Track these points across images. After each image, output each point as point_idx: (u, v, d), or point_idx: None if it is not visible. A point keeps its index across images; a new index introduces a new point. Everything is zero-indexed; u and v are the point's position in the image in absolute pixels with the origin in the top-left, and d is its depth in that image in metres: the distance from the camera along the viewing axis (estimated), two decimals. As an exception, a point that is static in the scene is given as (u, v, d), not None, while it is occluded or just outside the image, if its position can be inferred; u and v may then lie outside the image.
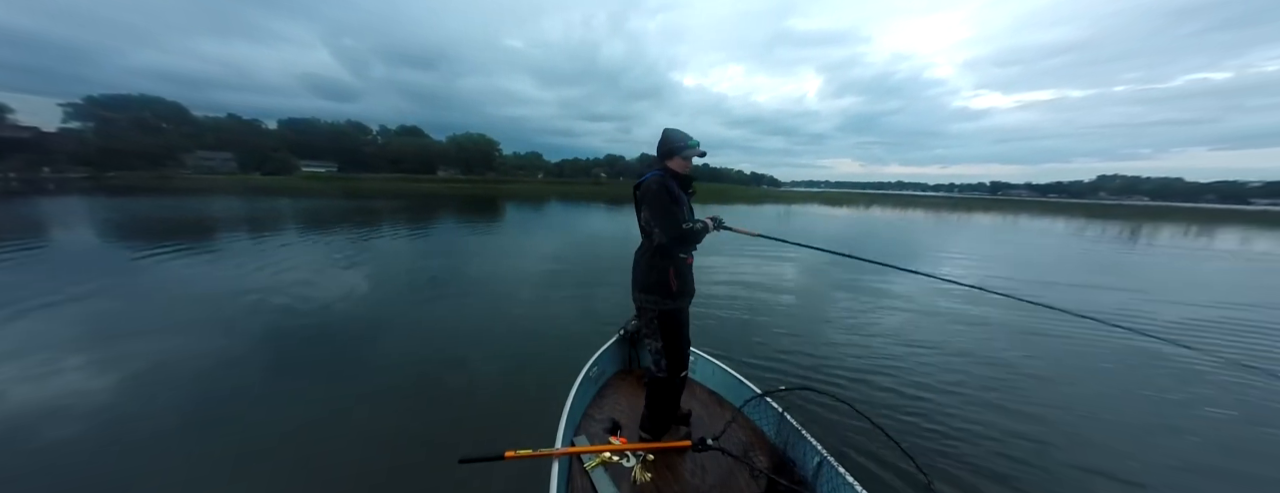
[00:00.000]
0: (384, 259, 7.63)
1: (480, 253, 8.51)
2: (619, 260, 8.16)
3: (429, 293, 5.56)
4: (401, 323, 4.42)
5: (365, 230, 10.95)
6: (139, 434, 2.45)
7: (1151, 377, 3.56)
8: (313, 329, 4.13)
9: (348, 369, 3.32)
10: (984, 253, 11.14)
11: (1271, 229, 22.65)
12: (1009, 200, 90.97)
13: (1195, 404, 3.13)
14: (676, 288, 1.87)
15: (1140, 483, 2.26)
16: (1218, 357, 3.88)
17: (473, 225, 13.07)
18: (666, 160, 1.88)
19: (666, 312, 1.91)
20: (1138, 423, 2.87)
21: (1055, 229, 18.88)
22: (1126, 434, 2.73)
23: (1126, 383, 3.46)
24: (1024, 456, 2.43)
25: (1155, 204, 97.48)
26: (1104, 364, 3.79)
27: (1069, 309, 2.41)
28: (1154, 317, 5.37)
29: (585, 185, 68.84)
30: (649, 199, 1.81)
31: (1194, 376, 3.61)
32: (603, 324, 4.41)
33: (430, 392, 3.02)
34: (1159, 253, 12.11)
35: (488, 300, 5.27)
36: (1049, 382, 3.44)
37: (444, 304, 5.11)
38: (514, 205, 22.65)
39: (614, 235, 11.88)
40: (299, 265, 6.74)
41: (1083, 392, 3.29)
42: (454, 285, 5.97)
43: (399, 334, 4.09)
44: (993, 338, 4.37)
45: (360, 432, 2.53)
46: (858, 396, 3.01)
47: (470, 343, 3.91)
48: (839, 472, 1.64)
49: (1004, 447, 2.51)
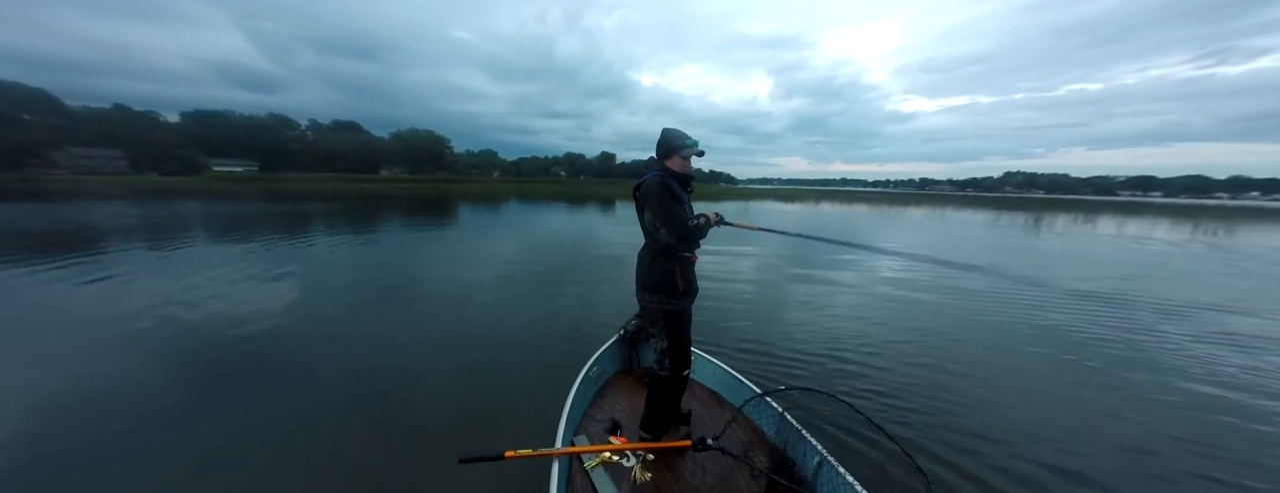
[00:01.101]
0: (329, 267, 6.82)
1: (436, 257, 7.87)
2: (590, 259, 8.04)
3: (380, 299, 5.03)
4: (352, 333, 3.94)
5: (296, 237, 9.73)
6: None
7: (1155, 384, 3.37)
8: (261, 344, 3.64)
9: (288, 385, 2.94)
10: (945, 244, 12.17)
11: (1136, 217, 27.17)
12: (936, 195, 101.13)
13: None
14: (683, 288, 1.90)
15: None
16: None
17: (424, 228, 12.09)
18: (665, 160, 1.88)
19: (672, 312, 1.93)
20: (1141, 420, 2.82)
21: (976, 220, 21.18)
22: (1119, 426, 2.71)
23: (1132, 384, 3.34)
24: (1025, 456, 2.41)
25: (1049, 197, 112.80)
26: (1110, 364, 3.69)
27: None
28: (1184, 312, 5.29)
29: (545, 184, 66.91)
30: (651, 200, 1.81)
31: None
32: (581, 323, 4.23)
33: (410, 397, 2.88)
34: (1078, 238, 13.90)
35: (450, 306, 4.84)
36: (1050, 381, 3.39)
37: (403, 310, 4.65)
38: (469, 206, 21.40)
39: (577, 234, 11.56)
40: (221, 278, 5.82)
41: (1085, 391, 3.23)
42: (410, 291, 5.44)
43: (348, 345, 3.62)
44: (993, 337, 4.34)
45: (360, 432, 2.51)
46: (858, 395, 2.99)
47: (452, 346, 3.55)
48: (839, 472, 1.63)
49: (1005, 446, 2.49)
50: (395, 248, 8.84)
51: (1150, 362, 3.80)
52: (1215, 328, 4.78)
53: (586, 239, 10.97)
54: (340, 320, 4.41)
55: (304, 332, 4.08)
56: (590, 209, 21.37)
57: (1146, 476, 2.33)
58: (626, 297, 5.44)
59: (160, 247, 8.15)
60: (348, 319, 4.46)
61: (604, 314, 4.77)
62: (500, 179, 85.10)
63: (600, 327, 4.23)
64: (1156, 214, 31.41)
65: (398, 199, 25.03)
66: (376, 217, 15.05)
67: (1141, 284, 6.95)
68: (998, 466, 2.33)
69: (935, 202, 48.03)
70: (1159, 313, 5.34)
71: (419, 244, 9.35)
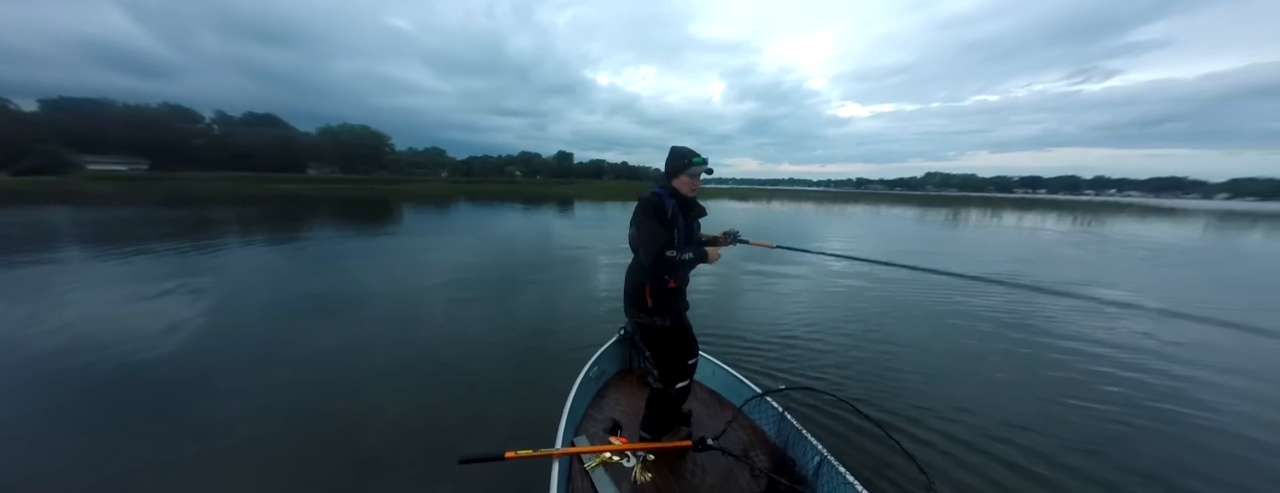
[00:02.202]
0: (244, 281, 5.83)
1: (379, 264, 7.08)
2: (551, 262, 7.55)
3: (315, 309, 4.41)
4: (271, 348, 3.32)
5: (200, 247, 8.32)
6: None
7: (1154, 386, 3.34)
8: (154, 371, 2.89)
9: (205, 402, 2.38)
10: (898, 239, 13.11)
11: (1028, 211, 31.72)
12: (871, 193, 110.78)
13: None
14: (652, 305, 1.85)
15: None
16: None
17: (362, 234, 10.90)
18: (672, 178, 1.83)
19: (643, 326, 1.91)
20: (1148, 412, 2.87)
21: (908, 216, 23.42)
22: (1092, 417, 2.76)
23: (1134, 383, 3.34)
24: (1026, 455, 2.40)
25: (962, 194, 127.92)
26: (1119, 364, 3.69)
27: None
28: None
29: (498, 184, 63.87)
30: (637, 216, 1.78)
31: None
32: (546, 327, 3.91)
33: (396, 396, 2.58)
34: (996, 231, 15.73)
35: (403, 312, 4.32)
36: (1052, 380, 3.37)
37: (348, 322, 4.04)
38: (414, 208, 19.83)
39: (535, 237, 11.05)
40: (102, 299, 4.75)
41: (1085, 391, 3.20)
42: (358, 304, 4.81)
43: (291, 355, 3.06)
44: (991, 335, 4.34)
45: (360, 432, 2.47)
46: (858, 395, 2.96)
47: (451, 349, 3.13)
48: (839, 471, 1.63)
49: (1006, 446, 2.47)
50: (328, 257, 7.89)
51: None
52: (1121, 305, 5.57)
53: (546, 242, 10.55)
54: (253, 338, 3.78)
55: (201, 350, 3.44)
56: (547, 211, 20.68)
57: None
58: (590, 299, 5.41)
59: (11, 264, 6.61)
60: (265, 336, 3.84)
61: (566, 317, 4.56)
62: (449, 179, 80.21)
63: (565, 330, 4.04)
64: (1043, 209, 36.92)
65: (329, 202, 22.59)
66: (303, 221, 13.42)
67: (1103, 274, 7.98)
68: (1000, 462, 2.31)
69: (871, 199, 52.46)
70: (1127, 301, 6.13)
71: (356, 252, 8.44)
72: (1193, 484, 2.24)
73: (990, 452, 2.43)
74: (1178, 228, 19.58)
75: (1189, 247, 12.76)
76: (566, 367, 2.86)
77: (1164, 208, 48.06)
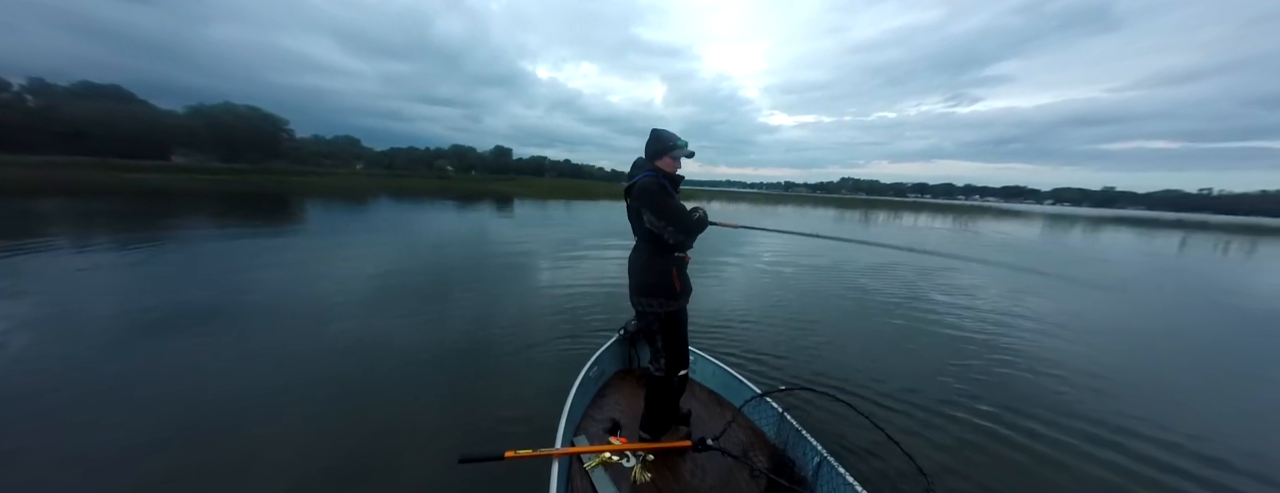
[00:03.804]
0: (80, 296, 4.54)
1: (280, 272, 5.98)
2: (487, 263, 7.09)
3: (165, 327, 3.51)
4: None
5: (12, 249, 6.36)
6: None
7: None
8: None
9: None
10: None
11: (920, 213, 37.13)
12: (796, 196, 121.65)
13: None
14: (679, 288, 1.90)
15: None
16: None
17: (254, 235, 9.13)
18: (656, 160, 1.86)
19: (671, 313, 1.92)
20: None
21: (829, 215, 26.15)
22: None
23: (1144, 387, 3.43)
24: (1027, 455, 2.42)
25: (870, 197, 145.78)
26: (1126, 365, 3.81)
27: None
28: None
29: (427, 179, 58.54)
30: (650, 198, 1.78)
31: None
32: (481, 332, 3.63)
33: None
34: (914, 230, 18.02)
35: (305, 326, 3.66)
36: (1052, 378, 3.42)
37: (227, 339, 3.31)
38: (321, 204, 17.25)
39: (470, 237, 10.26)
40: None
41: (1087, 387, 3.26)
42: (247, 315, 3.97)
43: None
44: (991, 335, 4.38)
45: (359, 433, 2.42)
46: (857, 396, 2.96)
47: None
48: (839, 472, 1.64)
49: (1006, 447, 2.49)
50: (205, 263, 6.50)
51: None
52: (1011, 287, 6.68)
53: (482, 242, 9.83)
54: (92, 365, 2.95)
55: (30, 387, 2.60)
56: (484, 209, 19.37)
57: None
58: (535, 304, 5.11)
59: None
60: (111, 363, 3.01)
61: (503, 324, 4.25)
62: (366, 172, 71.59)
63: (503, 336, 3.75)
64: (931, 210, 43.74)
65: (204, 197, 18.84)
66: (167, 220, 10.92)
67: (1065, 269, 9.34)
68: (1000, 463, 2.31)
69: (797, 201, 57.73)
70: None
71: (245, 254, 7.07)
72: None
73: (990, 452, 2.44)
74: (1026, 227, 24.34)
75: (1041, 241, 16.01)
76: (511, 373, 2.83)
77: (1013, 211, 59.75)
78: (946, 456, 2.41)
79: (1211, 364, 4.15)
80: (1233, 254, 15.12)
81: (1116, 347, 4.44)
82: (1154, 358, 4.21)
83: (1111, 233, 23.36)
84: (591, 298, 5.35)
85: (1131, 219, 53.08)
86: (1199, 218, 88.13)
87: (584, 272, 6.92)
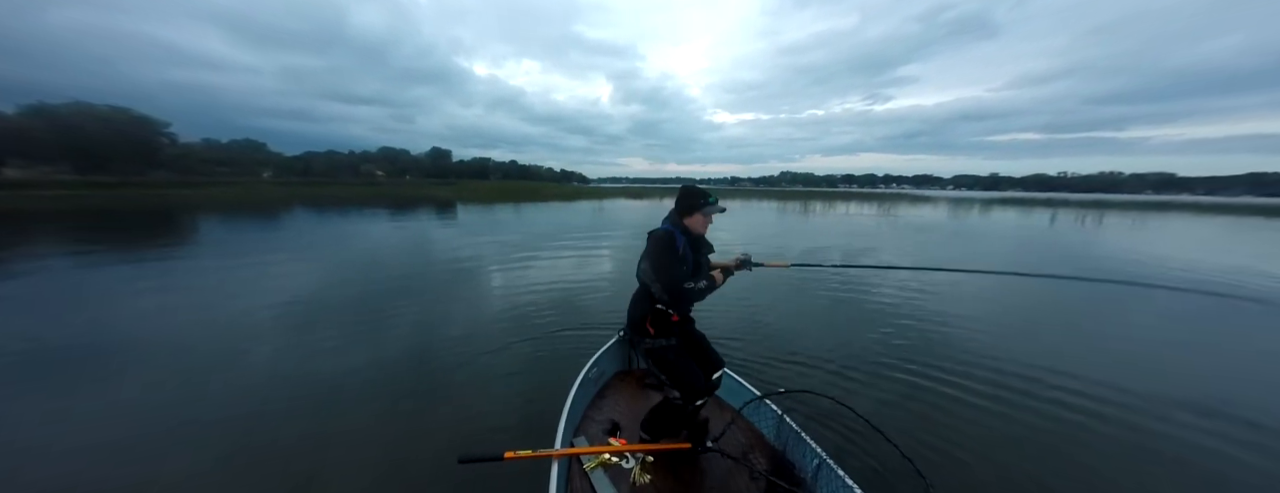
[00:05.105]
0: None
1: (164, 300, 4.95)
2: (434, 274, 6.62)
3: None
4: None
5: None
6: None
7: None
8: None
9: None
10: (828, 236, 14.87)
11: (849, 202, 40.58)
12: (742, 190, 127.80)
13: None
14: (655, 332, 1.89)
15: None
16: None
17: (123, 261, 7.48)
18: (684, 217, 1.87)
19: (651, 350, 1.92)
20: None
21: (773, 207, 27.67)
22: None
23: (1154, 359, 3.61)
24: (1027, 456, 2.42)
25: (806, 189, 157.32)
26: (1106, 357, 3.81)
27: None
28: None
29: (353, 186, 52.83)
30: (651, 251, 1.84)
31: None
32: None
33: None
34: (862, 219, 19.40)
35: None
36: (1055, 374, 3.42)
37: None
38: (222, 220, 14.82)
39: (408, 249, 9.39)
40: None
41: (1087, 387, 3.24)
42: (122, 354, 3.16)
43: None
44: (991, 334, 4.39)
45: (360, 432, 2.45)
46: (857, 398, 2.94)
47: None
48: (838, 474, 1.64)
49: (1006, 447, 2.48)
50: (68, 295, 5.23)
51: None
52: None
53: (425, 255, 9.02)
54: None
55: None
56: (422, 216, 17.85)
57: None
58: (482, 314, 4.75)
59: None
60: None
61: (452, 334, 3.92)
62: (275, 180, 63.04)
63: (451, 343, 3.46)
64: (860, 199, 48.09)
65: (56, 217, 15.37)
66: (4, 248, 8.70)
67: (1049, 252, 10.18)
68: (999, 470, 2.30)
69: (742, 195, 60.56)
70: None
71: (119, 282, 5.79)
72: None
73: (989, 452, 2.44)
74: (936, 210, 27.65)
75: (950, 223, 18.17)
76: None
77: (924, 197, 67.71)
78: (947, 455, 2.40)
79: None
80: (1088, 225, 18.41)
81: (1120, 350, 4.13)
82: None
83: (1007, 212, 27.16)
84: (566, 296, 5.13)
85: (1014, 199, 62.57)
86: (1061, 196, 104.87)
87: (546, 274, 6.64)
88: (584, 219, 18.03)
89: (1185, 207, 44.63)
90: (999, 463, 2.38)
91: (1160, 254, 10.11)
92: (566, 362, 3.24)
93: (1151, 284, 6.51)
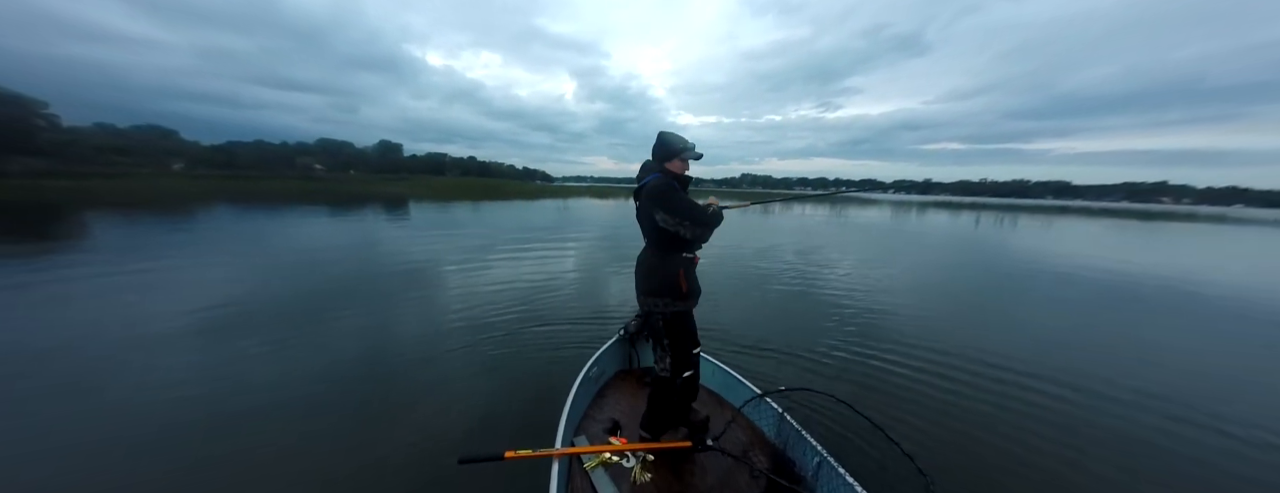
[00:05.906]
0: None
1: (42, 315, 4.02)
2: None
3: None
4: None
5: None
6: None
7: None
8: None
9: None
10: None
11: (805, 205, 43.11)
12: (704, 191, 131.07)
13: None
14: (687, 288, 1.89)
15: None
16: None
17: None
18: (665, 162, 1.90)
19: (677, 313, 1.92)
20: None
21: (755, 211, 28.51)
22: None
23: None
24: (1028, 456, 2.41)
25: (765, 191, 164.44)
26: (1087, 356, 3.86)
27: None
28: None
29: (287, 181, 47.59)
30: (664, 198, 1.81)
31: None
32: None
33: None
34: (829, 220, 20.24)
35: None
36: (1056, 371, 3.45)
37: None
38: (120, 220, 12.69)
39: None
40: None
41: (1087, 384, 3.26)
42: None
43: None
44: (989, 335, 4.43)
45: (359, 435, 2.44)
46: (857, 396, 2.91)
47: None
48: (838, 472, 1.64)
49: (1007, 444, 2.48)
50: None
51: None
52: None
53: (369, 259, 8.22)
54: None
55: None
56: (367, 215, 16.35)
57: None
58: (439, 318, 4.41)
59: None
60: None
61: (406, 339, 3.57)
62: (189, 173, 55.52)
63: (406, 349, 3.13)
64: (815, 203, 50.96)
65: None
66: None
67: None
68: (999, 470, 2.30)
69: (704, 196, 62.24)
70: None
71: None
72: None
73: (990, 451, 2.45)
74: (879, 212, 29.86)
75: (890, 224, 19.66)
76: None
77: (868, 199, 73.30)
78: (947, 454, 2.42)
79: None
80: (1006, 226, 20.72)
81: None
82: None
83: (941, 215, 30.08)
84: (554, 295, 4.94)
85: (945, 203, 69.55)
86: (983, 200, 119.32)
87: (510, 273, 6.26)
88: (549, 218, 17.48)
89: (1079, 210, 51.34)
90: (1000, 461, 2.39)
91: (1186, 265, 9.39)
92: (567, 361, 3.21)
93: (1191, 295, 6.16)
